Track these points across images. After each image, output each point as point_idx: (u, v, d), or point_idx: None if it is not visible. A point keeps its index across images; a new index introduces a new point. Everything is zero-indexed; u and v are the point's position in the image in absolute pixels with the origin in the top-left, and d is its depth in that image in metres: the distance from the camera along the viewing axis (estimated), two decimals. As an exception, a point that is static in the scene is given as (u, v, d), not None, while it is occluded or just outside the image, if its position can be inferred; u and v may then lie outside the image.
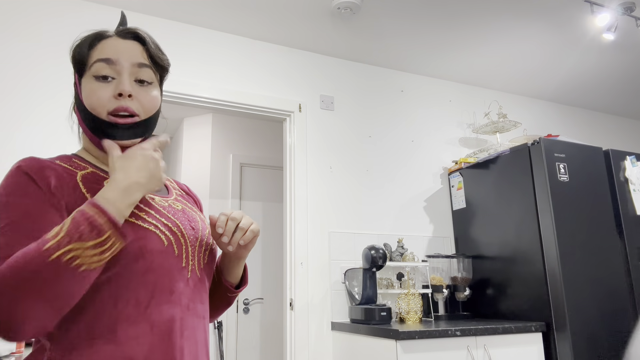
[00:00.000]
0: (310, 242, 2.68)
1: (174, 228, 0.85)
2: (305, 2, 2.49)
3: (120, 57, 0.85)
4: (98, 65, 0.84)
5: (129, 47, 0.87)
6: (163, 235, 0.82)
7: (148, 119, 0.87)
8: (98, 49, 0.86)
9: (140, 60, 0.87)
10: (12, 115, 2.17)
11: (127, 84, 0.83)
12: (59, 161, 0.84)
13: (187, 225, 0.88)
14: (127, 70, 0.85)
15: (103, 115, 0.82)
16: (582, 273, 2.42)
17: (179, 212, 0.90)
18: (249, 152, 3.92)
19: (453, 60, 3.14)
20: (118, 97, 0.83)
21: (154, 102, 0.88)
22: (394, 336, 2.07)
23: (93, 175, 0.85)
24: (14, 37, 2.24)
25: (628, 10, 2.57)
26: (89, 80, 0.84)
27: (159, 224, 0.83)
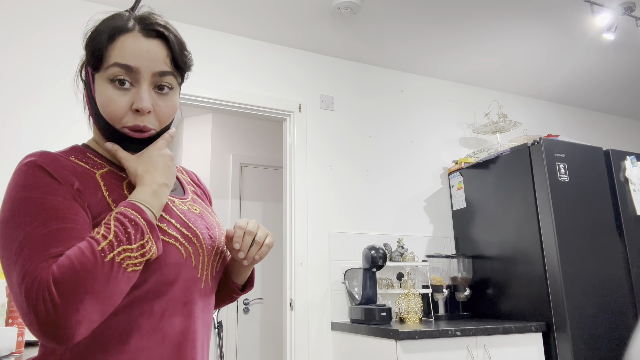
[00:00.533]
0: (310, 242, 2.68)
1: (193, 238, 0.82)
2: (305, 2, 2.49)
3: (141, 65, 0.78)
4: (115, 70, 0.77)
5: (152, 50, 0.79)
6: (182, 248, 0.79)
7: (162, 130, 0.83)
8: (117, 46, 0.78)
9: (162, 69, 0.80)
10: (14, 116, 2.17)
11: (147, 100, 0.78)
12: (74, 157, 0.80)
13: (206, 234, 0.86)
14: (147, 81, 0.79)
15: (118, 126, 0.79)
16: (582, 273, 2.42)
17: (198, 218, 0.87)
18: (249, 152, 3.92)
19: (453, 60, 3.14)
20: (135, 113, 0.78)
21: (172, 111, 0.83)
22: (394, 336, 2.07)
23: (111, 175, 0.82)
24: (14, 37, 2.24)
25: (628, 10, 2.57)
26: (104, 82, 0.78)
27: (179, 235, 0.80)
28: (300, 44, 2.90)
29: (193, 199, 0.93)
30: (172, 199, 0.86)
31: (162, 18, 0.84)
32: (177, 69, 0.83)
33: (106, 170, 0.82)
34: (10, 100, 2.18)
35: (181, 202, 0.88)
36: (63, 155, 0.78)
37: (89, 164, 0.81)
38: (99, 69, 0.79)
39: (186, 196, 0.92)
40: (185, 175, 1.02)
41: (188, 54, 0.86)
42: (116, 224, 0.69)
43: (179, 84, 0.86)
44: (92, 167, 0.80)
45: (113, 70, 0.77)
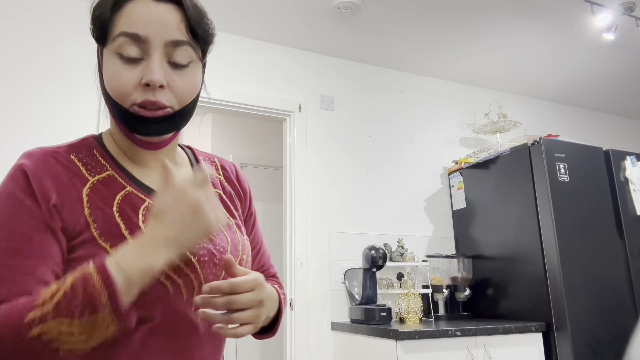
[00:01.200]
0: (310, 242, 2.68)
1: (186, 269, 0.68)
2: (305, 2, 2.49)
3: (151, 33, 0.66)
4: (122, 40, 0.66)
5: (163, 15, 0.67)
6: (168, 281, 0.66)
7: (183, 109, 0.70)
8: (124, 14, 0.67)
9: (176, 37, 0.68)
10: (17, 117, 2.17)
11: (157, 72, 0.66)
12: (74, 154, 0.71)
13: (210, 259, 0.71)
14: (158, 51, 0.67)
15: (126, 104, 0.67)
16: (582, 273, 2.42)
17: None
18: (249, 152, 3.92)
19: (453, 60, 3.14)
20: (145, 87, 0.66)
21: (192, 89, 0.71)
22: (394, 336, 2.07)
23: (106, 182, 0.70)
24: (15, 37, 2.24)
25: (628, 10, 2.56)
26: (111, 57, 0.67)
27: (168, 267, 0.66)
28: (300, 44, 2.90)
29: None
30: None
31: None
32: (195, 39, 0.71)
33: (104, 176, 0.71)
34: (9, 99, 2.18)
35: None
36: (62, 153, 0.70)
37: (89, 165, 0.71)
38: (106, 42, 0.68)
39: None
40: (219, 171, 0.87)
41: (209, 22, 0.73)
42: (65, 289, 0.56)
43: (200, 57, 0.73)
44: (89, 170, 0.70)
45: (119, 41, 0.66)
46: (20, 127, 2.17)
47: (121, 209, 0.68)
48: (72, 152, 0.71)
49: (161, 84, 0.66)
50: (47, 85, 2.26)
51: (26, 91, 2.21)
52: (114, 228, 0.66)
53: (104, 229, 0.66)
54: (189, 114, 0.73)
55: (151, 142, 0.72)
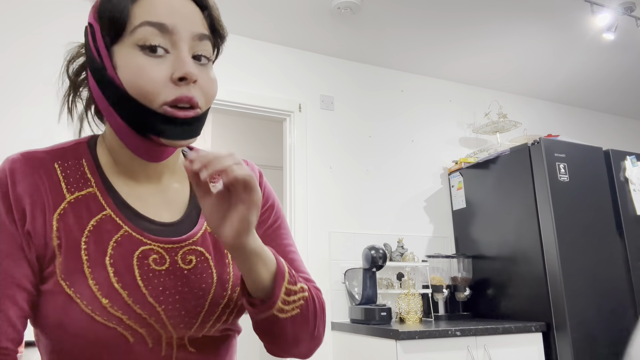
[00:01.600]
0: (310, 242, 2.67)
1: (150, 319, 0.61)
2: (305, 2, 2.49)
3: (179, 23, 0.61)
4: (146, 30, 0.59)
5: (187, 7, 0.62)
6: (128, 332, 0.60)
7: (206, 111, 0.65)
8: (143, 4, 0.61)
9: (201, 30, 0.63)
10: (12, 115, 2.17)
11: (192, 65, 0.60)
12: (59, 162, 0.65)
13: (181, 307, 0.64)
14: (186, 44, 0.61)
15: (155, 105, 0.59)
16: (582, 273, 2.42)
17: (181, 279, 0.65)
18: (249, 152, 3.92)
19: (453, 60, 3.14)
20: (178, 83, 0.60)
21: (215, 87, 0.65)
22: (394, 336, 2.06)
23: (84, 202, 0.64)
24: (14, 36, 2.24)
25: (628, 10, 2.56)
26: (131, 50, 0.60)
27: (126, 317, 0.60)
28: (300, 44, 2.90)
29: (202, 237, 0.69)
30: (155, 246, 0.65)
31: None
32: (214, 36, 0.67)
33: (84, 193, 0.65)
34: (10, 99, 2.18)
35: (171, 249, 0.66)
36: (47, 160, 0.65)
37: (71, 178, 0.65)
38: (121, 37, 0.61)
39: (191, 235, 0.69)
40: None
41: (222, 21, 0.69)
42: None
43: (213, 57, 0.69)
44: (70, 184, 0.64)
45: (142, 31, 0.59)
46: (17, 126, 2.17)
47: (90, 238, 0.62)
48: (57, 160, 0.65)
49: (196, 77, 0.61)
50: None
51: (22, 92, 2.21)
52: (77, 263, 0.61)
53: (66, 264, 0.61)
54: (206, 116, 0.66)
55: (158, 153, 0.66)
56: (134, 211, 0.67)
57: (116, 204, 0.66)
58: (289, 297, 0.64)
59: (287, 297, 0.63)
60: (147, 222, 0.67)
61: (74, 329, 0.59)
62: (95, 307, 0.59)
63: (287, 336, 0.66)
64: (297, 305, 0.65)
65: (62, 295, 0.59)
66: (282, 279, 0.63)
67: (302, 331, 0.67)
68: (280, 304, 0.63)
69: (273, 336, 0.67)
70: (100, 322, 0.59)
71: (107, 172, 0.68)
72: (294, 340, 0.67)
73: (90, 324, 0.59)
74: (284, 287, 0.63)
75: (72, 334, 0.59)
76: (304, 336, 0.68)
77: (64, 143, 0.69)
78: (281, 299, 0.63)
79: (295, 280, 0.66)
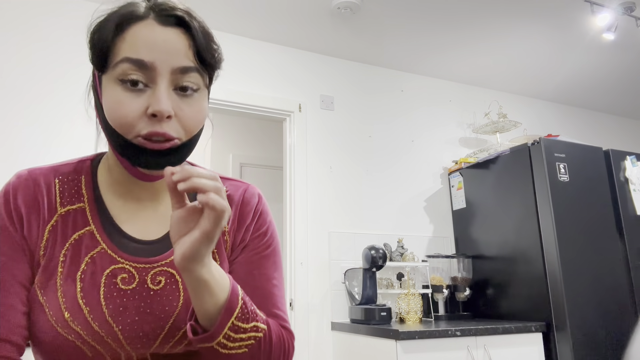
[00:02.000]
0: (310, 242, 2.67)
1: (107, 337, 0.64)
2: (305, 2, 2.49)
3: (157, 59, 0.61)
4: (125, 66, 0.61)
5: (169, 40, 0.62)
6: (85, 346, 0.63)
7: (190, 140, 0.65)
8: (127, 38, 0.62)
9: (183, 64, 0.63)
10: (13, 115, 2.17)
11: (165, 102, 0.61)
12: (60, 177, 0.70)
13: (139, 328, 0.65)
14: (165, 79, 0.62)
15: (130, 136, 0.62)
16: (582, 273, 2.42)
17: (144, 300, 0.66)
18: (249, 152, 3.92)
19: (453, 60, 3.14)
20: (152, 118, 0.61)
21: (200, 118, 0.65)
22: (394, 336, 2.07)
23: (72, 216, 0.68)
24: (15, 36, 2.24)
25: (628, 10, 2.56)
26: (112, 83, 0.62)
27: (86, 333, 0.63)
28: (300, 44, 2.90)
29: (170, 261, 0.70)
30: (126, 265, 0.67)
31: (184, 4, 0.68)
32: (203, 65, 0.66)
33: (75, 208, 0.69)
34: (11, 100, 2.18)
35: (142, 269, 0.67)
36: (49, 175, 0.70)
37: (66, 192, 0.69)
38: (106, 68, 0.63)
39: (165, 256, 0.69)
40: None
41: (217, 47, 0.68)
42: None
43: (207, 86, 0.68)
44: (64, 198, 0.69)
45: (123, 67, 0.61)
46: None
47: (69, 251, 0.67)
48: (59, 175, 0.70)
49: (169, 114, 0.61)
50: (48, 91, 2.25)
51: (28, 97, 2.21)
52: (53, 274, 0.65)
53: (44, 274, 0.66)
54: (194, 144, 0.67)
55: (148, 175, 0.67)
56: (117, 228, 0.69)
57: (101, 221, 0.69)
58: (236, 334, 0.62)
59: (233, 334, 0.61)
60: (128, 240, 0.69)
61: (41, 336, 0.63)
62: (59, 319, 0.63)
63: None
64: (245, 344, 0.63)
65: (36, 303, 0.64)
66: (230, 315, 0.61)
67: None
68: (223, 339, 0.61)
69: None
70: (62, 334, 0.62)
71: (102, 189, 0.71)
72: None
73: (54, 335, 0.62)
74: (231, 323, 0.61)
75: (40, 340, 0.64)
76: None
77: (70, 160, 0.73)
78: (225, 334, 0.61)
79: (250, 318, 0.63)
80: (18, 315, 0.63)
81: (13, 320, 0.63)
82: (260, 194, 0.80)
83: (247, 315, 0.63)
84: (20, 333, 0.63)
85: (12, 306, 0.63)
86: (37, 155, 2.16)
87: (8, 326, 0.62)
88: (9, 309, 0.63)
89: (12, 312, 0.63)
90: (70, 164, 0.72)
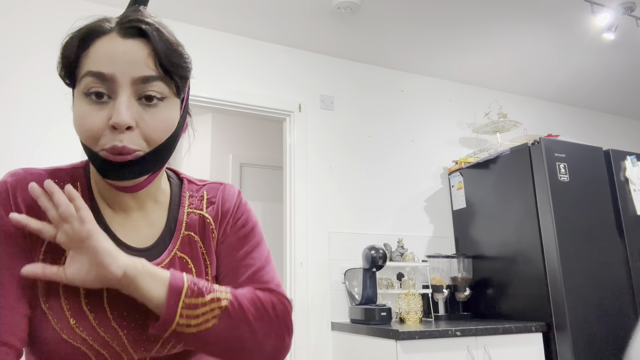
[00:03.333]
0: (310, 242, 2.67)
1: (112, 342, 0.66)
2: (305, 1, 2.49)
3: (117, 71, 0.63)
4: (88, 80, 0.63)
5: (129, 51, 0.64)
6: (91, 351, 0.65)
7: (155, 150, 0.66)
8: (91, 52, 0.64)
9: (144, 73, 0.64)
10: (12, 115, 2.17)
11: (124, 113, 0.62)
12: (55, 181, 0.70)
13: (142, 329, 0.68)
14: (126, 90, 0.63)
15: (96, 149, 0.64)
16: (582, 273, 2.42)
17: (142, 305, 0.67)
18: (249, 152, 3.92)
19: (453, 60, 3.14)
20: (113, 130, 0.63)
21: (164, 127, 0.66)
22: (394, 336, 2.06)
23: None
24: (13, 37, 2.24)
25: (628, 10, 2.56)
26: (79, 98, 0.64)
27: (91, 338, 0.65)
28: (300, 44, 2.90)
29: (171, 262, 0.73)
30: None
31: (154, 17, 0.69)
32: (167, 74, 0.66)
33: None
34: (9, 99, 2.18)
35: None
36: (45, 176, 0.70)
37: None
38: (74, 83, 0.66)
39: (159, 261, 0.72)
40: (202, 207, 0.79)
41: (182, 55, 0.69)
42: None
43: (175, 93, 0.68)
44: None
45: (86, 81, 0.63)
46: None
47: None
48: (54, 178, 0.70)
49: (128, 125, 0.62)
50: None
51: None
52: (53, 282, 0.65)
53: (45, 283, 0.65)
54: (164, 155, 0.68)
55: (126, 187, 0.68)
56: (113, 236, 0.71)
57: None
58: (194, 310, 0.64)
59: (190, 312, 0.63)
60: (124, 247, 0.71)
61: (45, 343, 0.64)
62: (64, 325, 0.64)
63: (219, 345, 0.66)
64: (211, 315, 0.65)
65: (39, 310, 0.65)
66: (178, 294, 0.63)
67: (236, 337, 0.67)
68: (182, 320, 0.63)
69: (205, 349, 0.67)
70: (67, 341, 0.63)
71: (96, 196, 0.73)
72: (232, 347, 0.67)
73: (58, 341, 0.63)
74: (182, 302, 0.63)
75: (43, 347, 0.64)
76: (246, 340, 0.67)
77: (61, 166, 0.74)
78: (181, 315, 0.63)
79: (204, 293, 0.65)
80: (18, 317, 0.63)
81: (12, 323, 0.62)
82: (239, 191, 0.84)
83: (199, 291, 0.65)
84: (19, 336, 0.62)
85: (12, 308, 0.62)
86: (35, 155, 2.16)
87: (7, 328, 0.61)
88: (9, 310, 0.62)
89: (12, 314, 0.62)
90: (64, 169, 0.73)
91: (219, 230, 0.79)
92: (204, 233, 0.77)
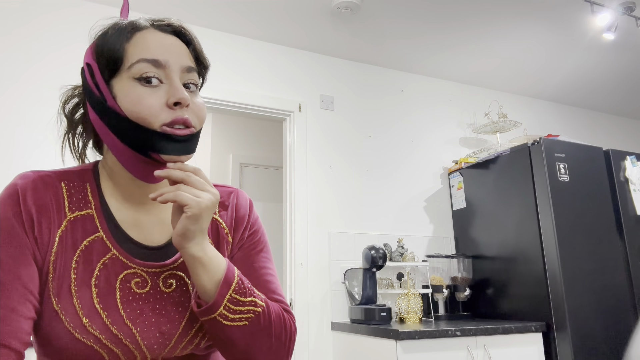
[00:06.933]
0: (310, 242, 2.67)
1: (125, 340, 0.67)
2: (305, 1, 2.49)
3: (170, 58, 0.70)
4: (142, 65, 0.68)
5: (175, 44, 0.73)
6: (104, 350, 0.66)
7: (199, 131, 0.73)
8: (138, 42, 0.70)
9: (189, 63, 0.73)
10: (10, 117, 2.17)
11: (184, 91, 0.69)
12: (65, 182, 0.72)
13: (156, 330, 0.70)
14: (177, 75, 0.70)
15: (155, 126, 0.67)
16: (582, 273, 2.42)
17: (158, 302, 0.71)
18: (249, 152, 3.92)
19: (453, 60, 3.14)
20: (173, 107, 0.68)
21: (205, 111, 0.74)
22: (394, 336, 2.06)
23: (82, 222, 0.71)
24: (16, 37, 2.24)
25: (628, 10, 2.56)
26: (129, 83, 0.68)
27: (104, 337, 0.66)
28: (300, 44, 2.90)
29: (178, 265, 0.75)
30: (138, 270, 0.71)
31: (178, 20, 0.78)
32: (199, 68, 0.77)
33: (83, 214, 0.71)
34: (10, 100, 2.18)
35: (154, 273, 0.72)
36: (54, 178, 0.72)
37: (74, 197, 0.72)
38: (118, 72, 0.69)
39: (173, 260, 0.75)
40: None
41: (205, 55, 0.79)
42: None
43: (200, 87, 0.78)
44: (72, 203, 0.71)
45: (139, 67, 0.68)
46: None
47: (81, 258, 0.69)
48: (64, 179, 0.72)
49: (189, 102, 0.69)
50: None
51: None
52: (66, 280, 0.67)
53: (58, 281, 0.67)
54: (199, 138, 0.75)
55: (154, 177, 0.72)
56: (124, 235, 0.73)
57: (109, 227, 0.72)
58: (236, 306, 0.69)
59: (232, 306, 0.68)
60: (135, 245, 0.73)
61: (58, 343, 0.65)
62: (76, 324, 0.65)
63: (238, 346, 0.70)
64: (245, 316, 0.70)
65: (51, 310, 0.65)
66: (228, 287, 0.68)
67: (254, 344, 0.71)
68: (224, 311, 0.68)
69: (223, 344, 0.71)
70: (80, 340, 0.64)
71: (107, 196, 0.75)
72: (246, 351, 0.71)
73: (71, 340, 0.64)
74: (229, 295, 0.68)
75: (56, 347, 0.65)
76: (258, 350, 0.71)
77: (70, 167, 0.76)
78: (225, 306, 0.68)
79: (247, 293, 0.71)
80: (20, 319, 0.62)
81: (14, 325, 0.62)
82: (250, 198, 0.88)
83: (244, 290, 0.70)
84: (20, 338, 0.62)
85: (14, 309, 0.62)
86: (33, 155, 2.16)
87: (8, 330, 0.61)
88: (11, 312, 0.62)
89: (13, 315, 0.62)
90: (73, 171, 0.75)
91: (234, 236, 0.82)
92: (217, 237, 0.80)
